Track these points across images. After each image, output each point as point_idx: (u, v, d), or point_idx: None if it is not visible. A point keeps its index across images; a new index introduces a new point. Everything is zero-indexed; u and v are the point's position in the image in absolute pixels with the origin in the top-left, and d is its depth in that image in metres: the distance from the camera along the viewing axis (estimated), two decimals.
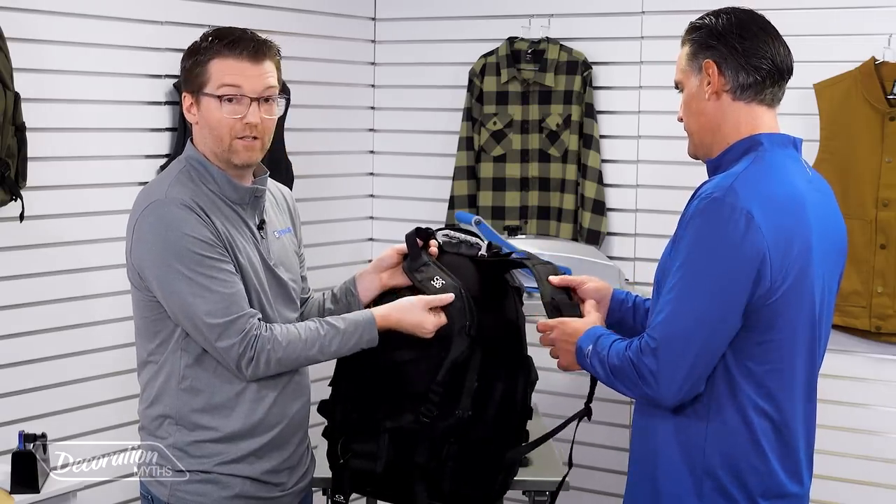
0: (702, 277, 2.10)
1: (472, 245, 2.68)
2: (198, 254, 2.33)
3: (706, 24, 2.27)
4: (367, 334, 2.47)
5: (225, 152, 2.43)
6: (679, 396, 2.14)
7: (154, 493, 2.46)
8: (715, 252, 2.09)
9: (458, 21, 4.51)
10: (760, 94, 2.24)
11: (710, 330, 2.10)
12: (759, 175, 2.15)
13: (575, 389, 4.34)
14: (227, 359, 2.37)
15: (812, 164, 3.73)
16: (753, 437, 2.16)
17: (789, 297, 2.12)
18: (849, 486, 3.88)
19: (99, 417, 3.63)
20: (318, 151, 4.38)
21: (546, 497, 3.18)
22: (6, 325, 3.40)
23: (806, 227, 2.15)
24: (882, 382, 3.87)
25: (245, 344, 2.36)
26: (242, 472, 2.44)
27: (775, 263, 2.08)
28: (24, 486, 3.10)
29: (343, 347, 2.46)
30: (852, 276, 3.74)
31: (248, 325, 2.36)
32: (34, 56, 3.39)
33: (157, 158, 3.80)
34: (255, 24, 4.03)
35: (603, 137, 4.23)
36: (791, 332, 2.15)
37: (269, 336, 2.39)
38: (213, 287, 2.34)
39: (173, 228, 2.33)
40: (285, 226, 2.60)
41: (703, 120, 2.27)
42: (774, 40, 2.26)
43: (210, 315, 2.33)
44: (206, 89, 2.41)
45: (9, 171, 3.22)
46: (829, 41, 3.82)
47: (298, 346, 2.41)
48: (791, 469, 2.21)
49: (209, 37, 2.44)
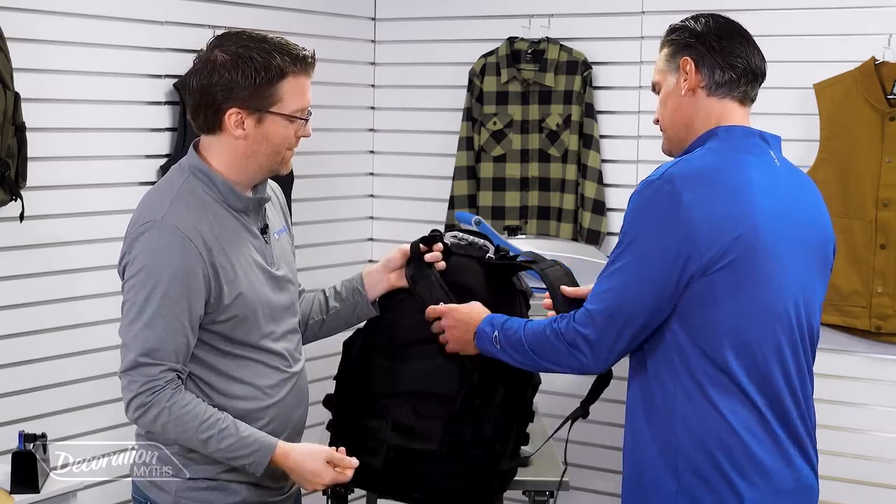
0: (632, 250, 2.21)
1: (480, 247, 2.68)
2: (166, 290, 2.29)
3: (685, 27, 2.34)
4: (259, 457, 2.34)
5: (276, 165, 2.40)
6: (609, 361, 2.29)
7: (154, 499, 2.42)
8: (645, 227, 2.19)
9: (458, 21, 4.52)
10: (734, 90, 2.30)
11: (638, 298, 2.19)
12: (701, 162, 2.22)
13: (575, 389, 4.34)
14: (124, 392, 2.35)
15: (812, 164, 3.78)
16: (718, 412, 2.19)
17: (735, 277, 2.15)
18: (849, 486, 3.88)
19: (99, 417, 3.64)
20: (318, 151, 4.37)
21: (546, 497, 3.18)
22: (6, 325, 3.40)
23: (751, 212, 2.17)
24: (882, 382, 3.87)
25: (146, 389, 2.31)
26: (247, 478, 2.42)
27: (705, 241, 2.13)
28: (24, 486, 3.11)
29: (229, 452, 2.33)
30: (852, 276, 3.74)
31: (160, 375, 2.31)
32: (34, 56, 3.39)
33: (157, 158, 3.80)
34: (256, 24, 4.04)
35: (603, 137, 4.24)
36: (747, 312, 2.18)
37: (172, 397, 2.31)
38: (156, 326, 2.29)
39: (156, 254, 2.29)
40: (281, 225, 2.58)
41: (678, 115, 2.33)
42: (749, 44, 2.34)
43: (136, 347, 2.31)
44: (277, 108, 2.33)
45: (9, 171, 3.22)
46: (829, 41, 3.82)
47: (191, 423, 2.31)
48: (773, 447, 2.22)
49: (272, 52, 2.31)
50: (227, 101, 2.32)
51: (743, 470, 2.19)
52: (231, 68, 2.30)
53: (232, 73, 2.30)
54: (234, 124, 2.33)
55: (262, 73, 2.30)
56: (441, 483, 2.57)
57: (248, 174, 2.40)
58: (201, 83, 2.33)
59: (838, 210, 3.67)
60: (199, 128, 2.40)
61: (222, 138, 2.37)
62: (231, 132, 2.34)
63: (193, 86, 2.36)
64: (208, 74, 2.32)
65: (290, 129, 2.37)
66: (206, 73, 2.32)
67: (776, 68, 3.87)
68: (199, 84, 2.34)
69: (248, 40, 2.34)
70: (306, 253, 2.78)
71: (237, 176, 2.39)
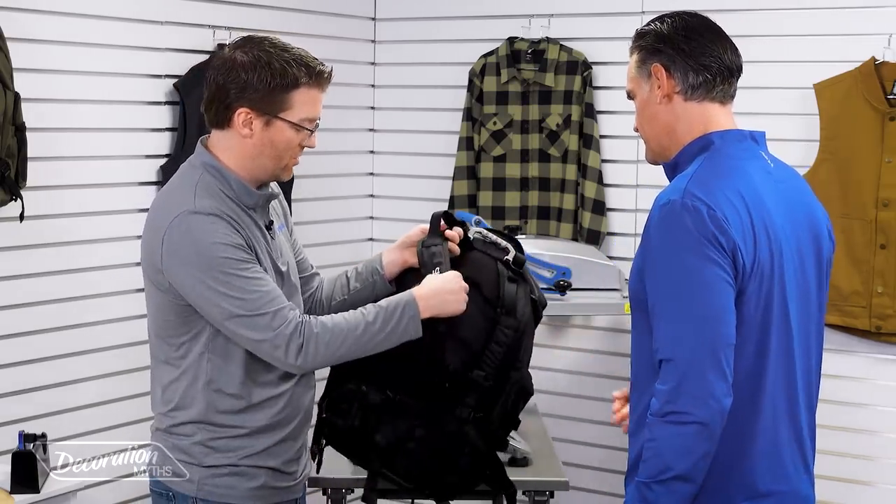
0: (684, 282, 2.06)
1: (502, 248, 2.67)
2: (232, 259, 2.35)
3: (652, 30, 2.26)
4: (411, 311, 2.45)
5: (279, 170, 2.47)
6: (725, 401, 2.04)
7: (177, 489, 2.48)
8: (687, 251, 2.06)
9: (458, 21, 4.52)
10: (711, 92, 2.22)
11: (714, 327, 2.05)
12: (711, 173, 2.14)
13: (575, 389, 4.35)
14: (275, 351, 2.38)
15: (812, 164, 3.78)
16: None
17: (753, 284, 2.09)
18: (849, 486, 3.88)
19: (99, 417, 3.64)
20: (319, 151, 4.34)
21: (546, 497, 3.18)
22: (6, 325, 3.40)
23: (766, 218, 2.12)
24: (882, 382, 3.87)
25: (292, 331, 2.38)
26: (266, 463, 2.49)
27: (742, 248, 2.07)
28: (24, 486, 3.11)
29: (386, 328, 2.43)
30: (852, 276, 3.74)
31: (290, 314, 2.39)
32: (34, 56, 3.39)
33: (157, 158, 3.80)
34: (256, 24, 4.04)
35: (603, 137, 4.23)
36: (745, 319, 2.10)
37: (315, 322, 2.41)
38: (251, 287, 2.36)
39: (206, 238, 2.34)
40: (280, 221, 2.63)
41: (657, 125, 2.26)
42: (721, 39, 2.24)
43: (255, 310, 2.35)
44: (285, 115, 2.40)
45: (9, 171, 3.22)
46: (829, 41, 3.82)
47: (343, 327, 2.42)
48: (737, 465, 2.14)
49: (291, 61, 2.39)
50: (238, 100, 2.39)
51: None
52: (249, 69, 2.38)
53: (249, 74, 2.38)
54: (241, 123, 2.40)
55: (278, 78, 2.38)
56: (401, 462, 2.60)
57: (254, 174, 2.46)
58: (217, 79, 2.41)
59: (838, 210, 3.67)
60: (209, 121, 2.47)
61: (230, 134, 2.43)
62: (238, 130, 2.41)
63: (210, 80, 2.44)
64: (226, 72, 2.40)
65: (295, 137, 2.44)
66: (224, 70, 2.40)
67: (776, 68, 3.92)
68: (215, 79, 2.42)
69: (269, 46, 2.41)
70: (306, 253, 2.79)
71: (246, 173, 2.45)
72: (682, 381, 2.03)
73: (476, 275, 2.60)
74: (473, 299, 2.54)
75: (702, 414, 2.02)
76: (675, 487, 2.05)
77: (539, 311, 2.67)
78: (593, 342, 4.34)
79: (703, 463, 2.05)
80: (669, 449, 2.04)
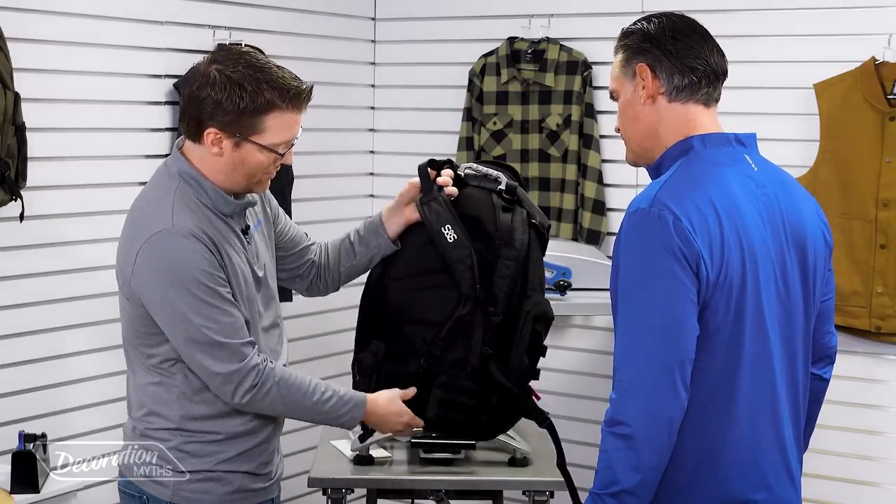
0: (642, 293, 2.04)
1: (494, 179, 2.66)
2: (205, 285, 2.33)
3: (638, 29, 2.23)
4: (356, 412, 2.53)
5: (252, 185, 2.43)
6: (673, 414, 2.03)
7: (150, 493, 2.47)
8: (649, 262, 2.03)
9: (458, 21, 4.52)
10: (696, 94, 2.19)
11: (668, 340, 2.02)
12: (685, 180, 2.10)
13: (575, 389, 4.35)
14: (225, 385, 2.38)
15: (812, 164, 3.77)
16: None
17: (720, 295, 2.05)
18: (849, 486, 3.88)
19: (99, 417, 3.64)
20: (318, 151, 4.37)
21: (546, 497, 3.18)
22: (6, 325, 3.40)
23: (741, 227, 2.08)
24: (882, 382, 3.87)
25: (248, 371, 2.38)
26: (241, 467, 2.49)
27: (707, 259, 2.03)
28: (24, 486, 3.11)
29: (332, 412, 2.50)
30: (852, 276, 3.74)
31: (251, 352, 2.38)
32: (34, 56, 3.39)
33: (156, 158, 3.79)
34: (256, 24, 4.05)
35: (603, 137, 4.23)
36: (718, 331, 2.07)
37: (278, 371, 2.42)
38: (217, 317, 2.34)
39: (182, 260, 2.32)
40: (257, 217, 2.59)
41: (640, 125, 2.23)
42: (707, 42, 2.21)
43: (217, 340, 2.34)
44: (256, 138, 2.35)
45: (9, 171, 3.22)
46: (829, 41, 3.82)
47: (299, 390, 2.45)
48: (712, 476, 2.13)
49: (264, 83, 2.32)
50: (209, 119, 2.35)
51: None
52: (220, 89, 2.33)
53: (219, 94, 2.32)
54: (210, 142, 2.36)
55: (248, 101, 2.32)
56: (429, 410, 2.64)
57: (227, 186, 2.43)
58: (191, 93, 2.37)
59: (838, 210, 3.67)
60: (183, 131, 2.44)
61: (203, 148, 2.39)
62: (208, 148, 2.37)
63: (185, 92, 2.41)
64: (199, 87, 2.35)
65: (266, 159, 2.39)
66: (198, 85, 2.35)
67: (776, 68, 3.92)
68: (189, 92, 2.38)
69: (245, 67, 2.34)
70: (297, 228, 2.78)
71: (220, 183, 2.42)
72: (628, 392, 2.03)
73: (475, 210, 2.60)
74: (477, 236, 2.57)
75: (645, 426, 2.02)
76: (626, 500, 2.05)
77: (544, 235, 2.68)
78: (593, 342, 4.34)
79: (651, 475, 2.04)
80: (617, 462, 2.04)
